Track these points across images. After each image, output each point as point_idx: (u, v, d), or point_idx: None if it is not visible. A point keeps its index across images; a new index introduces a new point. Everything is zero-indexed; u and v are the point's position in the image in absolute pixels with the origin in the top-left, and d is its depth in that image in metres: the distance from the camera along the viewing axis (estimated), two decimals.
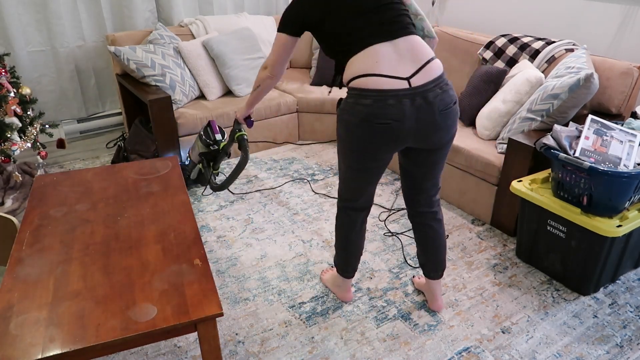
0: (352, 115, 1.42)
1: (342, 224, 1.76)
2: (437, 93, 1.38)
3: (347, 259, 1.84)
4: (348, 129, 1.46)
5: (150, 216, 1.62)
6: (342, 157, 1.59)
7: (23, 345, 1.13)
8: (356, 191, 1.65)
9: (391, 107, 1.36)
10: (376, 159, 1.52)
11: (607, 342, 1.79)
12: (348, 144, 1.50)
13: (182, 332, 1.25)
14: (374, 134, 1.41)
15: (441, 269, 1.85)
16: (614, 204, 1.82)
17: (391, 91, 1.34)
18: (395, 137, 1.43)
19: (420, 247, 1.84)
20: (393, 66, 1.36)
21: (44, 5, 3.16)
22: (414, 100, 1.36)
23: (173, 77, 3.00)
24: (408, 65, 1.37)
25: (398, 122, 1.38)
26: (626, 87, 2.31)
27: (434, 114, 1.40)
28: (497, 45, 2.86)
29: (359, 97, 1.39)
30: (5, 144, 2.39)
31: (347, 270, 1.88)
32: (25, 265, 1.38)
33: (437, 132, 1.45)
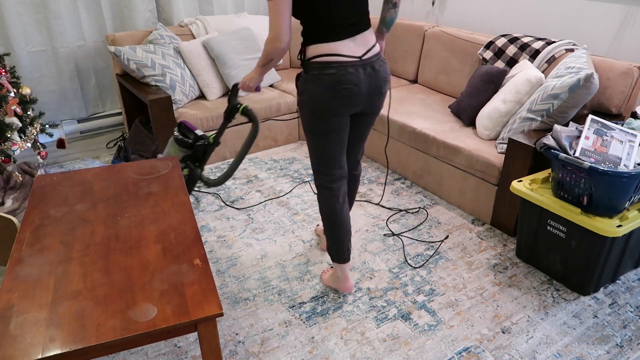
0: (318, 84, 1.67)
1: (324, 201, 1.88)
2: (380, 64, 1.73)
3: (339, 240, 1.90)
4: (316, 96, 1.69)
5: (151, 216, 1.62)
6: (310, 127, 1.78)
7: (23, 345, 1.13)
8: (329, 159, 1.83)
9: (350, 75, 1.65)
10: (340, 121, 1.75)
11: (607, 342, 1.79)
12: (315, 110, 1.72)
13: (182, 332, 1.25)
14: (338, 97, 1.67)
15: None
16: (614, 204, 1.82)
17: (349, 62, 1.65)
18: (354, 99, 1.70)
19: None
20: (351, 50, 1.66)
21: (44, 5, 3.16)
22: (365, 69, 1.68)
23: (173, 77, 3.00)
24: (361, 49, 1.68)
25: (357, 87, 1.68)
26: (626, 87, 2.31)
27: (379, 80, 1.73)
28: (497, 45, 2.86)
29: (324, 69, 1.65)
30: (5, 144, 2.39)
31: (342, 251, 1.92)
32: (25, 265, 1.38)
33: (379, 96, 1.78)
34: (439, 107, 3.06)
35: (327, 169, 1.84)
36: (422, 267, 2.19)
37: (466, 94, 2.79)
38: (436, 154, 2.66)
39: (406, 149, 2.88)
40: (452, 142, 2.56)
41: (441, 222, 2.54)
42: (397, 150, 2.96)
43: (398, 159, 2.98)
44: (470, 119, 2.75)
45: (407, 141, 2.84)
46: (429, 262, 2.22)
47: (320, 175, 1.86)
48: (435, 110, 3.01)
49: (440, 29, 3.31)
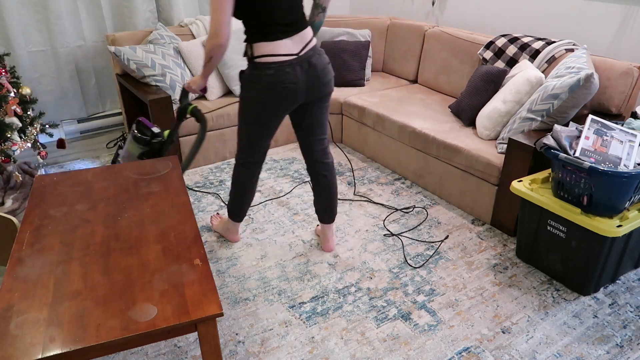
0: (259, 84, 1.78)
1: (242, 177, 2.08)
2: (316, 57, 1.83)
3: (242, 206, 2.18)
4: (254, 95, 1.81)
5: (151, 216, 1.62)
6: (246, 118, 1.91)
7: (23, 345, 1.13)
8: (256, 147, 1.99)
9: (288, 74, 1.76)
10: (276, 117, 1.89)
11: (607, 342, 1.79)
12: (254, 106, 1.85)
13: (182, 332, 1.25)
14: (277, 98, 1.80)
15: (333, 214, 2.21)
16: (614, 204, 1.82)
17: (286, 61, 1.75)
18: (293, 97, 1.82)
19: (316, 195, 2.18)
20: (288, 49, 1.76)
21: (44, 5, 3.16)
22: (301, 64, 1.78)
23: (173, 77, 3.00)
24: (298, 46, 1.79)
25: (295, 85, 1.79)
26: (626, 87, 2.31)
27: (317, 72, 1.83)
28: (497, 45, 2.86)
29: (264, 69, 1.75)
30: (5, 144, 2.39)
31: (239, 215, 2.22)
32: (26, 265, 1.38)
33: (321, 86, 1.88)
34: (439, 107, 3.06)
35: (251, 151, 2.01)
36: (422, 267, 2.19)
37: (466, 94, 2.79)
38: (436, 154, 2.67)
39: (406, 149, 2.88)
40: (452, 142, 2.56)
41: (441, 222, 2.54)
42: (397, 150, 2.96)
43: (398, 159, 2.98)
44: (470, 119, 2.75)
45: (407, 141, 2.84)
46: (429, 262, 2.22)
47: (243, 155, 2.03)
48: (435, 110, 3.01)
49: (440, 29, 3.31)
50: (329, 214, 2.19)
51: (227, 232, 2.32)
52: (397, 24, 3.62)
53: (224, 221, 2.33)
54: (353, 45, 3.48)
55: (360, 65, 3.48)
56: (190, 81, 2.00)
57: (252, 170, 2.07)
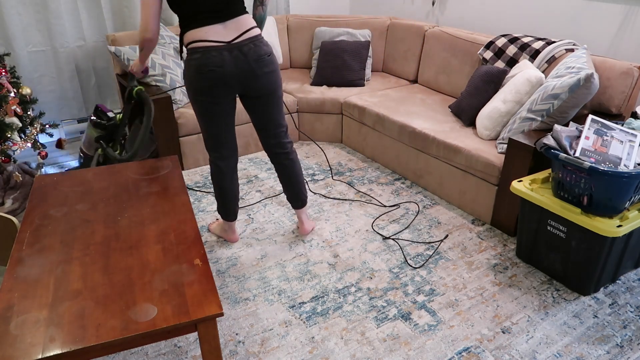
0: (188, 69, 1.83)
1: (214, 175, 2.11)
2: (250, 47, 1.83)
3: (226, 205, 2.19)
4: (189, 80, 1.85)
5: (151, 216, 1.62)
6: (194, 108, 1.95)
7: (23, 345, 1.13)
8: (215, 138, 2.00)
9: (213, 57, 1.78)
10: (216, 102, 1.89)
11: (608, 342, 1.79)
12: (192, 93, 1.88)
13: (182, 332, 1.25)
14: (205, 80, 1.82)
15: (301, 199, 2.28)
16: (614, 204, 1.82)
17: (213, 47, 1.78)
18: (222, 81, 1.83)
19: (282, 183, 2.25)
20: (219, 35, 1.79)
21: (44, 5, 3.16)
22: (231, 51, 1.80)
23: (173, 77, 3.00)
24: (232, 33, 1.81)
25: (220, 68, 1.80)
26: (626, 87, 2.31)
27: (249, 62, 1.83)
28: (498, 45, 2.86)
29: (192, 54, 1.80)
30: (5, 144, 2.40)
31: (228, 214, 2.23)
32: (26, 265, 1.38)
33: (257, 79, 1.88)
34: (439, 107, 3.06)
35: (215, 147, 2.04)
36: (422, 267, 2.19)
37: (466, 94, 2.79)
38: (436, 154, 2.66)
39: (406, 149, 2.88)
40: (452, 142, 2.56)
41: (441, 222, 2.54)
42: (397, 150, 2.96)
43: (398, 159, 2.98)
44: (470, 119, 2.75)
45: (407, 141, 2.84)
46: (429, 262, 2.22)
47: (210, 152, 2.07)
48: (435, 110, 3.01)
49: (440, 29, 3.31)
50: (297, 199, 2.28)
51: (225, 233, 2.35)
52: (397, 24, 3.62)
53: (221, 223, 2.37)
54: (353, 45, 3.48)
55: (360, 65, 3.48)
56: (132, 64, 2.12)
57: (221, 167, 2.08)
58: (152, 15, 1.76)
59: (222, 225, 2.35)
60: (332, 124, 3.40)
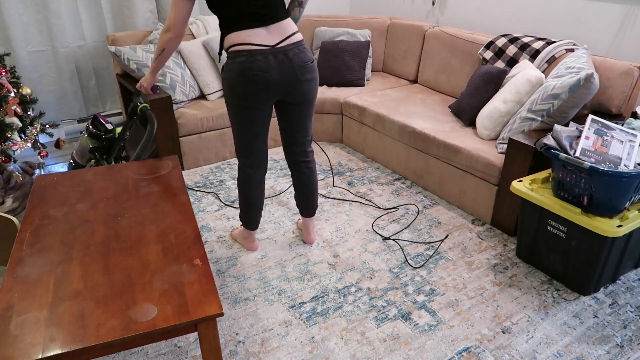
0: (231, 72, 1.78)
1: (242, 182, 2.07)
2: (295, 52, 1.80)
3: (249, 213, 2.16)
4: (230, 84, 1.81)
5: (151, 216, 1.62)
6: (231, 113, 1.91)
7: (23, 345, 1.13)
8: (248, 145, 1.97)
9: (258, 62, 1.75)
10: (255, 107, 1.86)
11: (608, 342, 1.79)
12: (232, 97, 1.84)
13: (182, 332, 1.25)
14: (249, 84, 1.78)
15: (313, 209, 2.27)
16: (614, 204, 1.81)
17: (258, 50, 1.75)
18: (265, 86, 1.79)
19: (296, 191, 2.23)
20: (263, 39, 1.76)
21: (44, 5, 3.17)
22: (276, 56, 1.77)
23: (173, 77, 3.00)
24: (275, 38, 1.78)
25: (266, 73, 1.77)
26: (626, 87, 2.31)
27: (294, 67, 1.81)
28: (498, 45, 2.86)
29: (235, 57, 1.76)
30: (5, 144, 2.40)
31: (250, 223, 2.20)
32: (26, 265, 1.38)
33: (299, 85, 1.86)
34: (439, 107, 3.06)
35: (246, 154, 2.00)
36: (422, 267, 2.19)
37: (466, 94, 2.79)
38: (436, 154, 2.66)
39: (406, 149, 2.88)
40: (452, 142, 2.56)
41: (441, 222, 2.54)
42: (397, 150, 2.96)
43: (398, 159, 2.98)
44: (470, 119, 2.75)
45: (407, 141, 2.84)
46: (429, 262, 2.22)
47: (241, 159, 2.03)
48: (436, 110, 3.01)
49: (440, 29, 3.31)
50: (309, 208, 2.27)
51: (244, 241, 2.30)
52: (397, 24, 3.62)
53: (242, 230, 2.32)
54: (353, 45, 3.48)
55: (360, 65, 3.48)
56: (141, 80, 2.05)
57: (251, 174, 2.04)
58: (182, 18, 1.74)
59: (243, 233, 2.30)
60: (332, 124, 3.40)
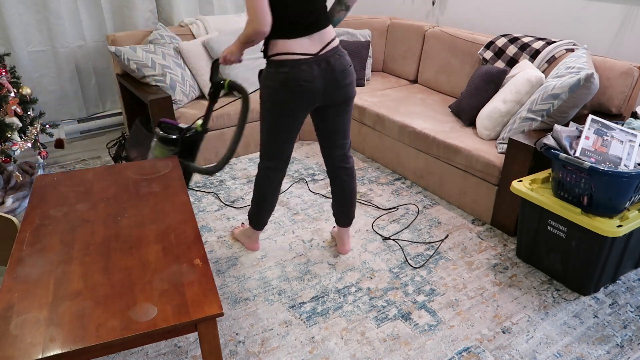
0: (274, 81, 1.77)
1: (260, 182, 2.05)
2: (336, 58, 1.79)
3: (261, 214, 2.14)
4: (270, 92, 1.80)
5: (151, 216, 1.62)
6: (265, 118, 1.89)
7: (23, 345, 1.13)
8: (276, 150, 1.95)
9: (303, 72, 1.74)
10: (294, 116, 1.85)
11: (608, 342, 1.79)
12: (270, 104, 1.83)
13: (182, 332, 1.25)
14: (290, 94, 1.77)
15: (350, 218, 2.20)
16: (614, 204, 1.81)
17: (302, 60, 1.74)
18: (309, 95, 1.79)
19: (335, 199, 2.16)
20: (306, 48, 1.75)
21: (44, 5, 3.16)
22: (319, 64, 1.76)
23: (173, 77, 3.00)
24: (317, 46, 1.76)
25: (309, 83, 1.76)
26: (626, 87, 2.31)
27: (335, 73, 1.80)
28: (498, 45, 2.86)
29: (279, 67, 1.75)
30: (5, 144, 2.39)
31: (259, 223, 2.19)
32: (26, 265, 1.38)
33: (339, 89, 1.84)
34: (439, 107, 3.05)
35: (271, 157, 1.98)
36: (423, 267, 2.19)
37: (466, 94, 2.79)
38: (436, 154, 2.66)
39: (406, 149, 2.88)
40: (452, 142, 2.56)
41: (441, 222, 2.54)
42: (397, 150, 2.95)
43: (398, 159, 2.97)
44: (470, 119, 2.75)
45: (407, 141, 2.84)
46: (429, 262, 2.22)
47: (264, 160, 2.01)
48: (436, 110, 3.01)
49: (440, 29, 3.31)
50: (347, 217, 2.18)
51: (247, 240, 2.29)
52: (397, 24, 3.62)
53: (245, 229, 2.31)
54: (353, 45, 3.48)
55: (360, 65, 3.48)
56: (226, 52, 1.86)
57: (272, 176, 2.02)
58: (266, 7, 1.63)
59: (246, 232, 2.29)
60: None
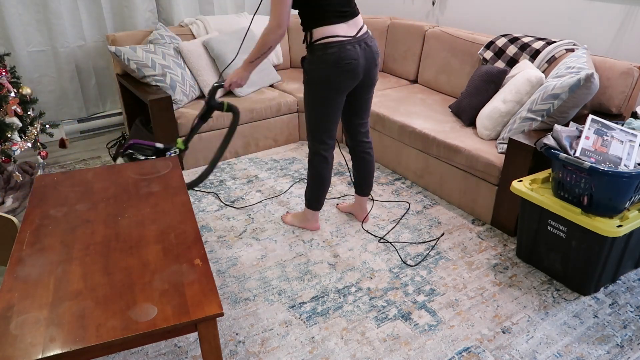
0: (323, 63, 1.91)
1: (317, 166, 2.19)
2: (370, 39, 2.00)
3: (321, 194, 2.29)
4: (321, 73, 1.94)
5: (151, 216, 1.62)
6: (315, 99, 2.02)
7: (23, 345, 1.13)
8: (327, 128, 2.09)
9: (350, 51, 1.91)
10: (341, 94, 2.01)
11: (608, 342, 1.79)
12: (321, 85, 1.97)
13: (182, 332, 1.25)
14: (342, 72, 1.93)
15: (371, 187, 2.44)
16: (614, 204, 1.81)
17: (346, 40, 1.91)
18: (355, 72, 1.96)
19: (359, 173, 2.38)
20: (346, 31, 1.92)
21: (44, 5, 3.17)
22: (360, 45, 1.94)
23: (173, 77, 3.00)
24: (353, 30, 1.94)
25: (356, 61, 1.93)
26: (626, 87, 2.31)
27: (372, 53, 2.00)
28: (498, 45, 2.86)
29: (326, 49, 1.89)
30: (5, 144, 2.40)
31: (319, 203, 2.34)
32: (26, 265, 1.38)
33: (374, 68, 2.05)
34: (439, 107, 3.05)
35: (323, 138, 2.12)
36: (423, 267, 2.19)
37: (466, 94, 2.79)
38: (436, 154, 2.66)
39: (406, 149, 2.88)
40: (453, 142, 2.56)
41: (441, 222, 2.54)
42: (397, 150, 2.96)
43: (398, 159, 2.97)
44: (470, 119, 2.75)
45: (407, 141, 2.84)
46: (429, 262, 2.22)
47: (316, 143, 2.14)
48: (436, 110, 3.01)
49: (440, 29, 3.31)
50: (368, 186, 2.42)
51: (307, 222, 2.42)
52: (397, 24, 3.62)
53: (301, 213, 2.45)
54: None
55: None
56: (233, 77, 2.07)
57: (327, 155, 2.17)
58: (288, 11, 1.82)
59: (304, 215, 2.41)
60: None
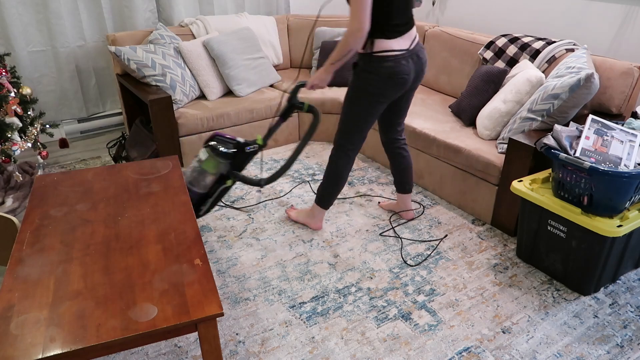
0: (378, 74, 1.97)
1: (340, 163, 2.21)
2: (421, 51, 2.06)
3: (335, 193, 2.30)
4: (372, 83, 2.00)
5: (151, 216, 1.62)
6: (357, 106, 2.08)
7: (23, 345, 1.13)
8: (361, 132, 2.15)
9: (403, 66, 1.98)
10: (386, 102, 2.08)
11: (608, 342, 1.79)
12: (368, 94, 2.03)
13: (182, 332, 1.25)
14: (394, 85, 2.00)
15: (412, 184, 2.48)
16: (614, 204, 1.81)
17: (401, 55, 1.97)
18: (405, 86, 2.04)
19: (396, 170, 2.42)
20: (401, 45, 1.97)
21: (44, 5, 3.16)
22: (412, 58, 2.01)
23: (173, 77, 3.00)
24: (407, 42, 1.99)
25: (408, 75, 2.01)
26: (627, 87, 2.31)
27: (422, 65, 2.07)
28: (498, 45, 2.86)
29: (383, 62, 1.95)
30: (5, 144, 2.40)
31: (330, 202, 2.34)
32: (26, 265, 1.38)
33: (421, 77, 2.13)
34: (439, 107, 3.05)
35: (354, 140, 2.17)
36: (423, 267, 2.19)
37: (466, 94, 2.79)
38: (436, 154, 2.66)
39: None
40: (453, 142, 2.56)
41: (441, 222, 2.53)
42: None
43: None
44: (470, 119, 2.75)
45: (407, 141, 2.84)
46: (430, 262, 2.22)
47: (345, 143, 2.17)
48: (436, 110, 3.01)
49: (440, 29, 3.31)
50: (409, 183, 2.46)
51: (312, 220, 2.41)
52: None
53: (307, 210, 2.45)
54: None
55: None
56: (315, 79, 2.10)
57: (352, 156, 2.21)
58: (369, 14, 1.83)
59: (311, 212, 2.41)
60: (333, 124, 3.40)
